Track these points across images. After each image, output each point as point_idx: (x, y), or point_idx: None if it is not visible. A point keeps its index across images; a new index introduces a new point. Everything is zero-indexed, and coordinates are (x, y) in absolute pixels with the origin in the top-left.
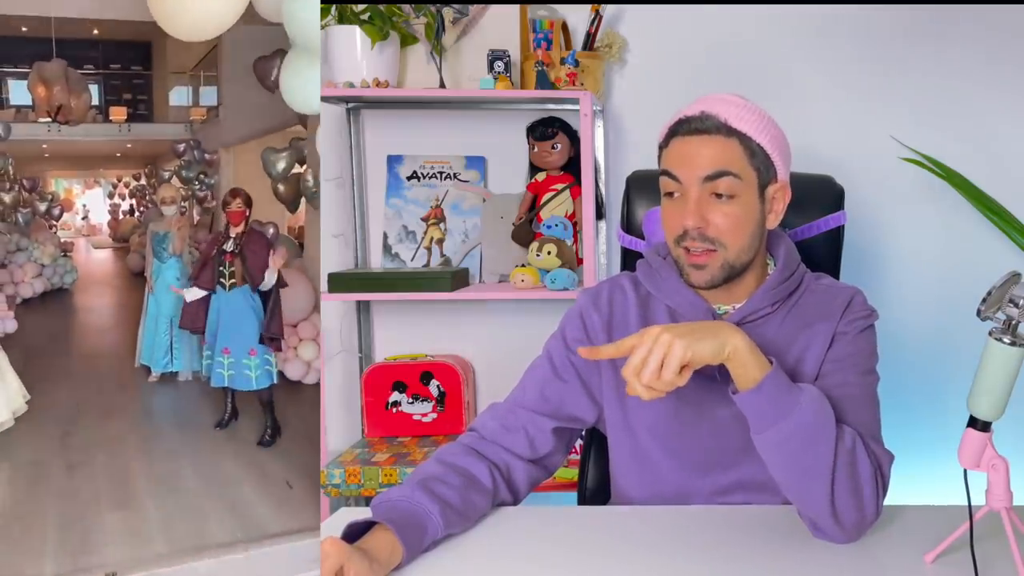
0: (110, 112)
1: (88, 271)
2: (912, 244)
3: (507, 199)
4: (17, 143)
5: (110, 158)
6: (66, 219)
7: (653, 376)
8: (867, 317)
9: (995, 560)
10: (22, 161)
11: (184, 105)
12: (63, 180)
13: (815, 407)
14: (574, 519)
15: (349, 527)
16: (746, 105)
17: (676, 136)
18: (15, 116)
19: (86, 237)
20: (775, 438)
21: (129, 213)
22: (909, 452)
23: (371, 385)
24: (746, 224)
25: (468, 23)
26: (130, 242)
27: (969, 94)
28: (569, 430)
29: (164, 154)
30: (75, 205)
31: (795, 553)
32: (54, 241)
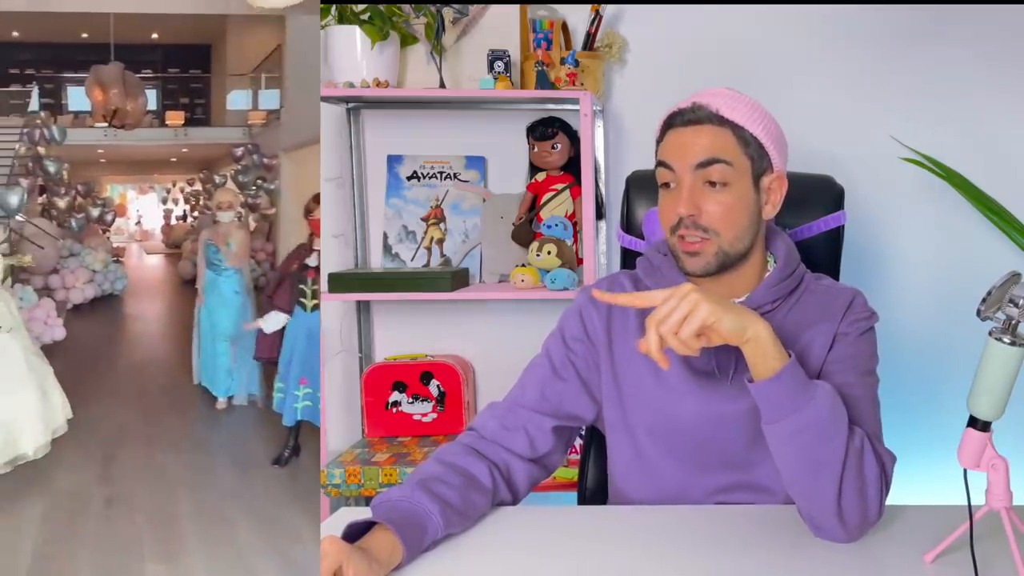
0: (167, 117)
1: (139, 277)
2: (912, 244)
3: (507, 199)
4: (73, 148)
5: (165, 163)
6: (119, 224)
7: (672, 328)
8: (868, 319)
9: (995, 560)
10: (78, 166)
11: (243, 109)
12: (118, 186)
13: (831, 402)
14: (574, 519)
15: (349, 527)
16: (738, 96)
17: (670, 129)
18: (72, 122)
19: (139, 242)
20: (789, 429)
21: (182, 219)
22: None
23: (371, 385)
24: (740, 212)
25: (468, 23)
26: (182, 248)
27: (969, 94)
28: (569, 429)
29: (220, 159)
30: (128, 211)
31: (795, 553)
32: (106, 247)
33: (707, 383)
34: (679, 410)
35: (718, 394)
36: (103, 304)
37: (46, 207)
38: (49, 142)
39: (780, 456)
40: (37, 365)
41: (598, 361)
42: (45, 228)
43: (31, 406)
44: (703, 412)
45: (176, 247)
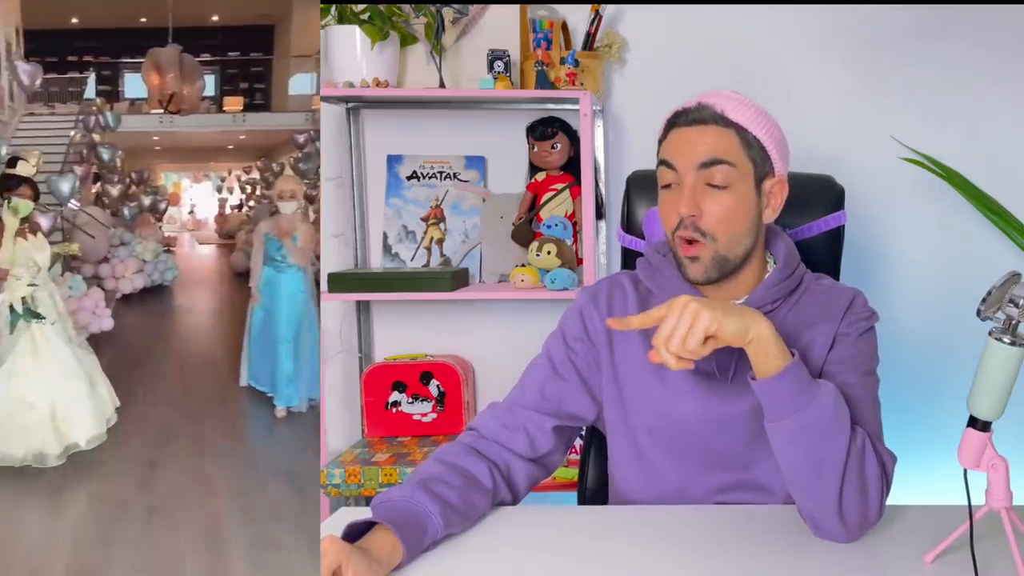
0: (224, 103)
1: (190, 267)
2: (912, 244)
3: (507, 199)
4: (128, 135)
5: (221, 150)
6: (172, 213)
7: (679, 345)
8: (868, 319)
9: (995, 560)
10: (132, 154)
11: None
12: (172, 174)
13: (833, 401)
14: (574, 519)
15: (349, 527)
16: (743, 99)
17: (674, 128)
18: (128, 109)
19: (191, 232)
20: (792, 427)
21: (237, 208)
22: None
23: (371, 385)
24: (740, 215)
25: (468, 23)
26: (236, 239)
27: (969, 94)
28: (569, 428)
29: (280, 146)
30: (182, 199)
31: (795, 553)
32: (157, 236)
33: (708, 383)
34: (680, 410)
35: (718, 394)
36: (152, 295)
37: (99, 195)
38: (104, 129)
39: (782, 454)
40: (83, 356)
41: (599, 361)
42: (97, 216)
43: (81, 395)
44: (703, 412)
45: (230, 237)
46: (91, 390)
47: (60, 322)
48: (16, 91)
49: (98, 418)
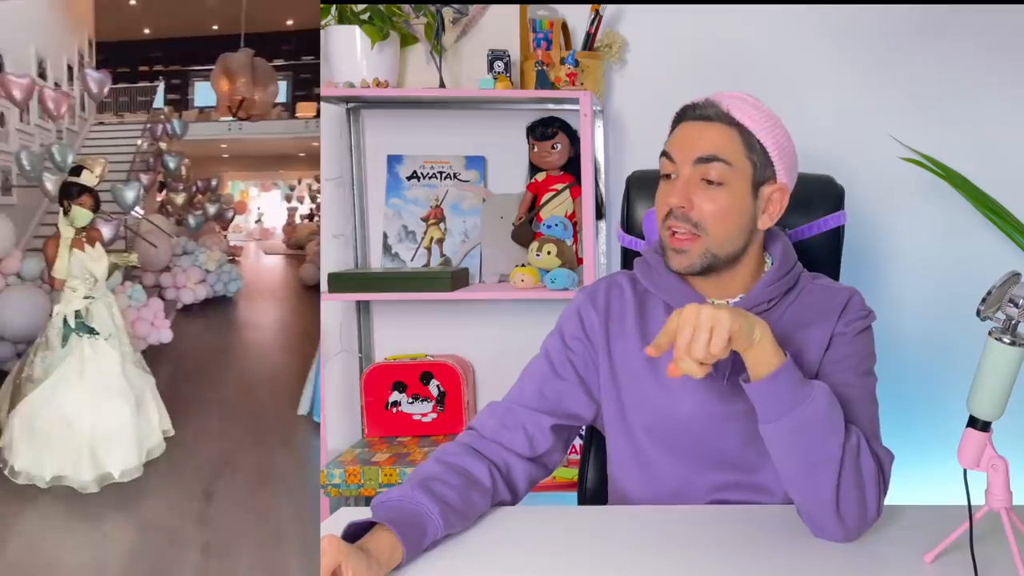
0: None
1: (255, 279)
2: (912, 244)
3: (507, 199)
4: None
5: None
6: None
7: (704, 352)
8: (865, 318)
9: (995, 560)
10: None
11: None
12: (239, 182)
13: (827, 401)
14: (574, 519)
15: (349, 527)
16: (756, 103)
17: (681, 122)
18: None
19: (258, 241)
20: (786, 428)
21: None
22: (909, 452)
23: (371, 385)
24: (732, 215)
25: (468, 23)
26: (306, 250)
27: (969, 94)
28: (568, 428)
29: None
30: (248, 208)
31: (795, 553)
32: (221, 246)
33: (705, 382)
34: (677, 409)
35: (716, 393)
36: (214, 307)
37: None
38: (171, 137)
39: (778, 456)
40: (135, 376)
41: (597, 360)
42: (160, 225)
43: (123, 422)
44: (701, 411)
45: (299, 248)
46: (137, 416)
47: (115, 337)
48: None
49: (137, 449)
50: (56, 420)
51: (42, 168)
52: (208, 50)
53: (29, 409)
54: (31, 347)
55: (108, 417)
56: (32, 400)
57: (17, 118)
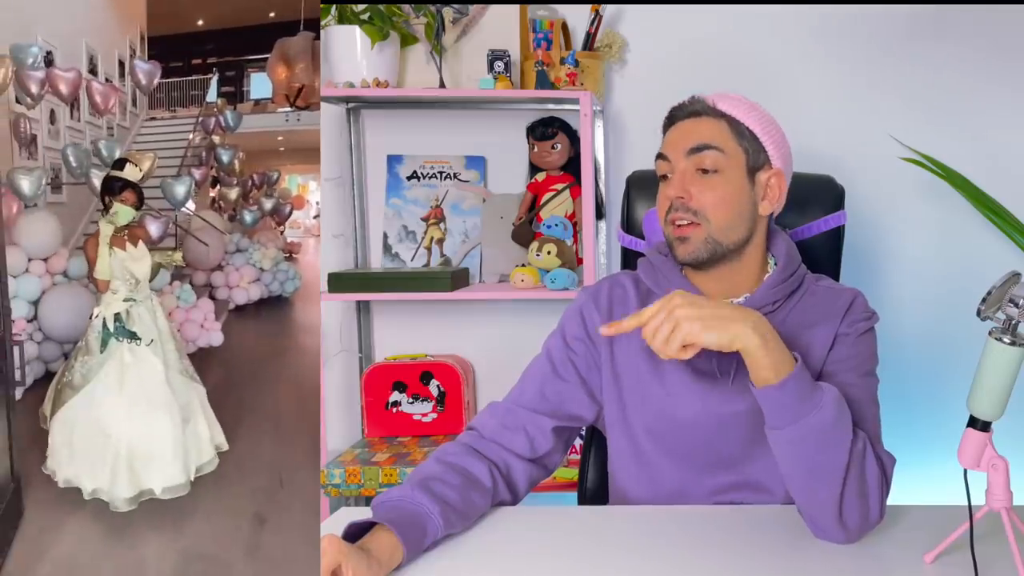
0: None
1: (313, 278)
2: (912, 244)
3: (507, 199)
4: (250, 136)
5: None
6: (297, 217)
7: (660, 346)
8: (868, 319)
9: (995, 560)
10: (255, 156)
11: None
12: (298, 176)
13: (835, 409)
14: (574, 519)
15: (349, 527)
16: (739, 97)
17: (671, 125)
18: (253, 110)
19: (316, 237)
20: (793, 435)
21: None
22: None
23: (371, 385)
24: (731, 201)
25: (468, 23)
26: None
27: (969, 94)
28: (568, 429)
29: None
30: (307, 203)
31: (795, 553)
32: (277, 243)
33: (708, 384)
34: (679, 410)
35: (718, 395)
36: (269, 307)
37: (216, 199)
38: (224, 130)
39: (783, 460)
40: (181, 385)
41: (599, 361)
42: (213, 221)
43: (165, 434)
44: (703, 413)
45: None
46: (182, 428)
47: (159, 343)
48: (139, 97)
49: (183, 463)
50: (93, 431)
51: (89, 164)
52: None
53: (68, 417)
54: (74, 350)
55: (149, 429)
56: (71, 408)
57: (67, 115)
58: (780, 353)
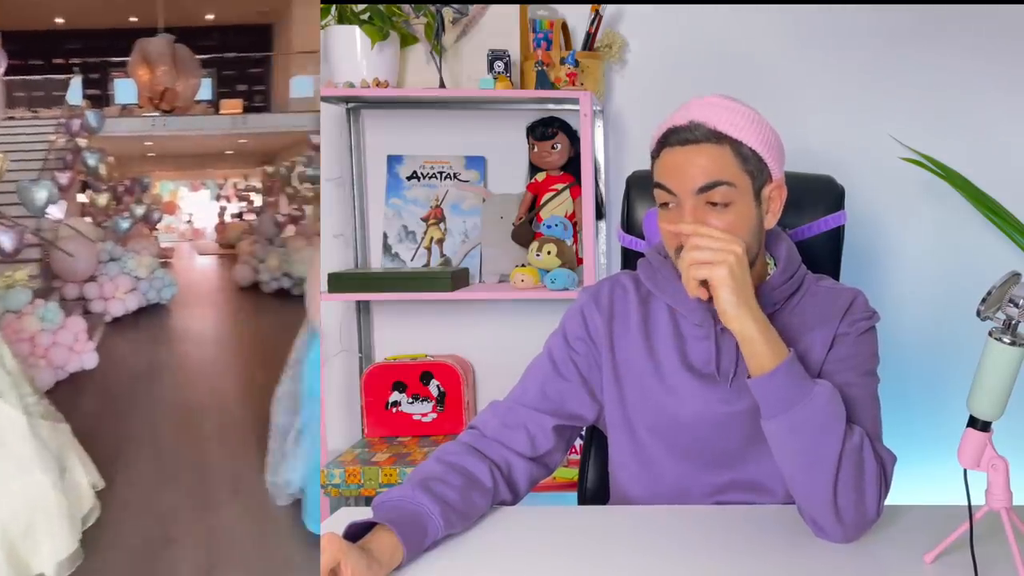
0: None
1: (190, 281)
2: (912, 244)
3: (507, 199)
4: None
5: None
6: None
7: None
8: (868, 319)
9: (995, 560)
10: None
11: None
12: (168, 183)
13: (828, 400)
14: (574, 519)
15: (350, 527)
16: (733, 107)
17: (666, 147)
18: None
19: (189, 242)
20: (786, 425)
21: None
22: (909, 452)
23: (371, 385)
24: (743, 230)
25: (468, 23)
26: (237, 249)
27: (969, 94)
28: (569, 428)
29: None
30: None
31: (795, 553)
32: (152, 250)
33: (708, 384)
34: (680, 410)
35: (718, 395)
36: (147, 316)
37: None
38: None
39: (778, 452)
40: (48, 432)
41: (599, 361)
42: (82, 229)
43: (47, 499)
44: (703, 412)
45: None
46: (61, 484)
47: (13, 388)
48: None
49: (72, 528)
50: None
51: None
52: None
53: None
54: None
55: (26, 499)
56: None
57: None
58: (777, 344)
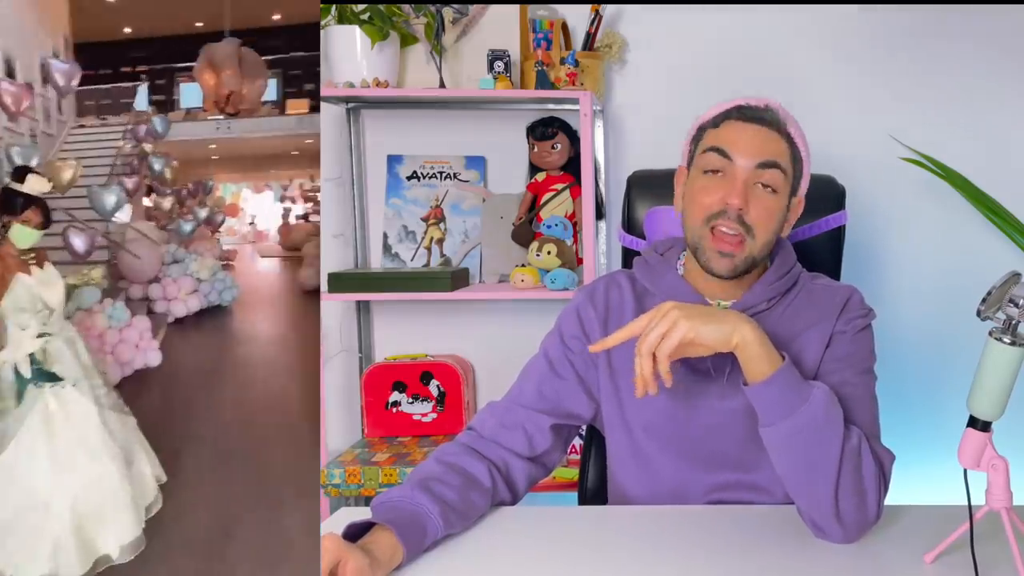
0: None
1: (251, 285)
2: (912, 244)
3: (507, 199)
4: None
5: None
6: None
7: (651, 346)
8: (864, 316)
9: (995, 560)
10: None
11: None
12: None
13: (825, 404)
14: (574, 519)
15: (349, 527)
16: (791, 115)
17: (732, 119)
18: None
19: (252, 244)
20: (784, 431)
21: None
22: (909, 452)
23: (371, 385)
24: (776, 221)
25: (468, 23)
26: (303, 252)
27: (969, 94)
28: (567, 427)
29: None
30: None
31: (795, 553)
32: (214, 252)
33: (703, 382)
34: (676, 408)
35: (714, 393)
36: (209, 318)
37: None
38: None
39: (777, 458)
40: (116, 423)
41: (596, 360)
42: (147, 232)
43: (114, 486)
44: (699, 410)
45: (295, 249)
46: (127, 473)
47: (85, 379)
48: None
49: (136, 515)
50: (26, 500)
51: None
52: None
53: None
54: None
55: (95, 484)
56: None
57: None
58: (770, 350)
